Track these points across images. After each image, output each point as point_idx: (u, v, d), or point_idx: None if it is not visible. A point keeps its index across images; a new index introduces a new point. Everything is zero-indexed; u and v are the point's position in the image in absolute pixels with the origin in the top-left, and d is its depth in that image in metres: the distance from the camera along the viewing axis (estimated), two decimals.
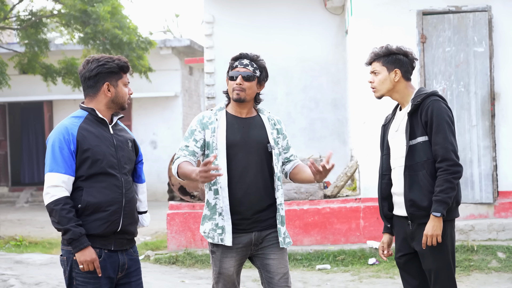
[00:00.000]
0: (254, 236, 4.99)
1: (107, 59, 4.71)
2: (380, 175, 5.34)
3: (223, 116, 5.06)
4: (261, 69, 5.09)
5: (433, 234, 4.88)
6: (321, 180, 4.86)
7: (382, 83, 5.13)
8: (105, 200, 4.59)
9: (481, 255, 9.67)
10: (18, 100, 22.89)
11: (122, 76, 4.74)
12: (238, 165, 4.94)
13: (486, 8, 10.50)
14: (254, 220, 4.97)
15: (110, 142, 4.69)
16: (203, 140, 4.99)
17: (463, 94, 10.47)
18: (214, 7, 13.64)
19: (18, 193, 23.04)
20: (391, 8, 10.67)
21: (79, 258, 4.49)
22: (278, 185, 5.01)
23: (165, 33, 36.26)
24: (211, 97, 13.61)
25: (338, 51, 13.47)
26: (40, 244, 13.40)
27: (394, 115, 5.31)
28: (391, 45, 5.14)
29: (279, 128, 5.14)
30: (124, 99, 4.76)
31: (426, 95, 5.02)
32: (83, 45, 15.74)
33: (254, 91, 5.05)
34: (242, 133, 5.00)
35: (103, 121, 4.72)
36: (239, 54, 5.14)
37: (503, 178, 10.54)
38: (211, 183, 4.96)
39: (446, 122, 4.96)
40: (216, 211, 4.93)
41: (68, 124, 4.63)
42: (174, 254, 10.56)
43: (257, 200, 4.96)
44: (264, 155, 5.00)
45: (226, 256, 4.98)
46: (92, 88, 4.71)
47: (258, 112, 5.16)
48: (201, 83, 24.77)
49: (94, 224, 4.56)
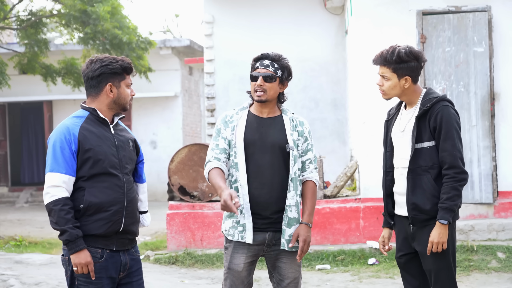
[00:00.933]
0: (269, 236, 4.98)
1: (110, 59, 4.70)
2: (384, 171, 5.30)
3: (245, 115, 5.07)
4: (283, 69, 5.05)
5: (439, 242, 4.88)
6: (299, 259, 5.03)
7: (391, 89, 5.10)
8: (107, 200, 4.58)
9: (481, 255, 9.67)
10: (18, 100, 22.88)
11: (125, 77, 4.74)
12: (255, 164, 4.95)
13: (486, 8, 10.50)
14: (270, 220, 4.97)
15: (111, 142, 4.69)
16: (226, 138, 5.02)
17: (463, 94, 10.47)
18: (214, 7, 13.64)
19: (18, 193, 23.04)
20: (391, 8, 10.66)
21: (73, 260, 4.48)
22: (290, 186, 4.98)
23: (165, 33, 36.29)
24: (211, 97, 13.62)
25: (338, 51, 13.47)
26: (40, 244, 13.40)
27: (398, 112, 5.28)
28: (401, 50, 5.02)
29: (300, 130, 5.09)
30: (126, 100, 4.76)
31: (436, 100, 4.99)
32: (83, 45, 15.73)
33: (276, 91, 5.03)
34: (260, 133, 5.00)
35: (104, 121, 4.72)
36: (260, 54, 5.10)
37: (502, 178, 10.54)
38: (232, 181, 4.98)
39: (455, 129, 4.94)
40: (238, 208, 4.91)
41: (70, 124, 4.62)
42: (174, 254, 10.56)
43: (273, 200, 4.95)
44: (282, 156, 4.99)
45: (238, 252, 4.98)
46: (95, 88, 4.71)
47: (282, 112, 5.14)
48: (201, 83, 24.77)
49: (96, 224, 4.56)
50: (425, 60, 5.11)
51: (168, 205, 11.28)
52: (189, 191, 11.17)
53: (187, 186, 11.15)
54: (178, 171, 11.11)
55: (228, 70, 13.54)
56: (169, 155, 21.27)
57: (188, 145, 11.25)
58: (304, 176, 5.13)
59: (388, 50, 5.07)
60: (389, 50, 5.07)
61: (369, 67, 7.24)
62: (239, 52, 13.43)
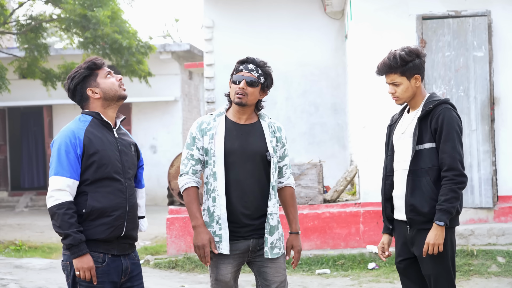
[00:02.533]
0: (252, 243, 4.95)
1: (75, 70, 4.75)
2: (384, 175, 5.30)
3: (222, 122, 5.00)
4: (266, 76, 5.02)
5: (435, 243, 4.87)
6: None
7: (405, 92, 5.08)
8: (110, 205, 4.58)
9: (481, 260, 9.67)
10: (18, 104, 22.90)
11: (97, 73, 4.73)
12: (236, 173, 4.90)
13: (486, 12, 10.51)
14: (251, 228, 4.94)
15: (115, 147, 4.69)
16: (202, 147, 4.97)
17: (463, 98, 10.47)
18: (213, 12, 13.65)
19: (17, 197, 23.03)
20: (390, 12, 10.67)
21: (76, 265, 4.47)
22: (272, 194, 4.96)
23: (164, 38, 36.32)
24: (210, 101, 13.62)
25: (338, 55, 13.48)
26: (40, 248, 13.39)
27: (401, 116, 5.28)
28: (401, 53, 5.03)
29: (279, 136, 5.06)
30: (114, 88, 4.74)
31: (438, 102, 5.00)
32: (82, 49, 15.76)
33: (256, 97, 4.99)
34: (240, 141, 4.95)
35: (107, 125, 4.72)
36: (245, 58, 5.09)
37: (502, 183, 10.54)
38: (210, 190, 4.93)
39: (456, 132, 4.95)
40: (214, 218, 4.90)
41: (75, 128, 4.62)
42: (174, 259, 10.55)
43: (254, 208, 4.92)
44: (262, 164, 4.96)
45: (223, 262, 4.94)
46: (82, 100, 4.75)
47: (259, 117, 5.09)
48: (200, 88, 24.79)
49: (98, 229, 4.56)
50: (424, 54, 5.13)
51: (168, 209, 11.27)
52: None
53: None
54: (177, 175, 11.09)
55: (228, 75, 13.31)
56: (169, 159, 21.29)
57: None
58: (283, 182, 5.13)
59: (389, 57, 5.07)
60: (390, 57, 5.07)
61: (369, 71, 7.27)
62: (239, 56, 13.25)
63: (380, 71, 5.14)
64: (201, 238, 4.81)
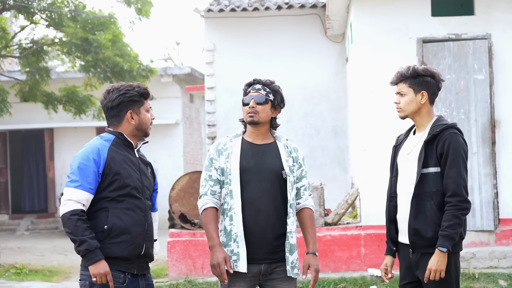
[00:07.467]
0: (264, 267, 4.94)
1: (127, 87, 4.77)
2: (388, 197, 5.27)
3: (239, 142, 5.06)
4: (275, 93, 5.10)
5: (437, 269, 4.85)
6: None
7: (408, 104, 5.09)
8: (131, 223, 4.65)
9: (483, 283, 9.64)
10: (19, 127, 22.92)
11: (144, 103, 4.82)
12: (251, 192, 4.93)
13: (486, 36, 10.54)
14: (265, 251, 4.93)
15: (136, 166, 4.78)
16: (219, 167, 5.00)
17: (464, 121, 10.48)
18: (215, 35, 13.70)
19: (18, 220, 22.99)
20: (391, 36, 10.70)
21: (92, 271, 4.50)
22: (290, 212, 4.97)
23: (166, 61, 36.45)
24: (211, 124, 13.63)
25: (339, 78, 13.51)
26: (40, 272, 13.36)
27: (406, 137, 5.27)
28: (417, 66, 5.08)
29: (295, 157, 5.09)
30: (147, 125, 4.84)
31: (445, 126, 4.99)
32: (84, 73, 15.81)
33: (268, 115, 5.04)
34: (256, 160, 4.98)
35: (130, 145, 4.79)
36: (252, 80, 5.14)
37: (504, 206, 10.52)
38: (227, 210, 4.95)
39: (462, 157, 4.93)
40: (232, 237, 4.91)
41: (99, 145, 4.69)
42: (175, 282, 10.52)
43: (269, 228, 4.93)
44: (278, 183, 4.97)
45: (235, 285, 4.93)
46: (116, 117, 4.79)
47: (275, 139, 5.14)
48: (202, 111, 24.82)
49: (120, 246, 4.60)
50: (442, 79, 5.12)
51: (169, 232, 11.26)
52: (190, 218, 11.15)
53: (188, 213, 11.14)
54: (179, 198, 11.10)
55: (229, 98, 13.56)
56: (170, 182, 21.18)
57: (189, 173, 11.27)
58: (301, 203, 5.13)
59: (405, 67, 5.13)
60: (406, 67, 5.13)
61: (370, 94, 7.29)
62: (240, 79, 13.33)
63: (393, 81, 5.18)
64: (217, 257, 4.81)
